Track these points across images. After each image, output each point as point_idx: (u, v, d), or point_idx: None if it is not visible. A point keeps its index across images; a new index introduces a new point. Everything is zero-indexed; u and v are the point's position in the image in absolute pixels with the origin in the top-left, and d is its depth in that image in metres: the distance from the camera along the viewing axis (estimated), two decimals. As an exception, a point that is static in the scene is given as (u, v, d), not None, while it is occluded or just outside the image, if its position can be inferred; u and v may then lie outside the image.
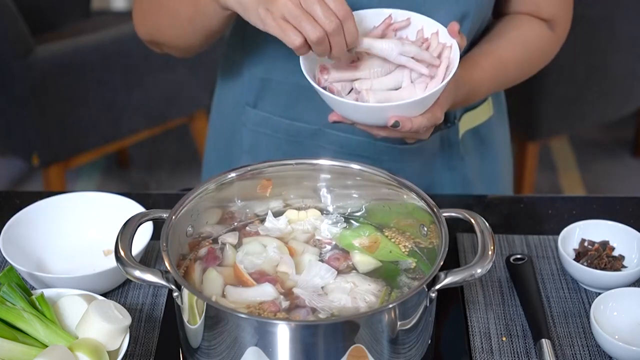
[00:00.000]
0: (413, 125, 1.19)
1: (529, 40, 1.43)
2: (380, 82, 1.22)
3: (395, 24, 1.26)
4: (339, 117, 1.23)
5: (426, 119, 1.21)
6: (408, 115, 1.18)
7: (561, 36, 1.48)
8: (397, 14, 1.26)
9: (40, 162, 2.83)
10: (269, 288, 1.12)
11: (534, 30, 1.44)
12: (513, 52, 1.41)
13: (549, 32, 1.45)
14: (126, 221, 1.13)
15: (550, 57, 1.49)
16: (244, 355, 1.03)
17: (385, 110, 1.17)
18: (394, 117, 1.18)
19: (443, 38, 1.24)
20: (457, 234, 1.39)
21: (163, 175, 3.50)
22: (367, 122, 1.22)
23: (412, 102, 1.17)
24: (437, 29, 1.25)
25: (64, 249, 1.35)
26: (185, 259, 1.18)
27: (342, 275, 1.15)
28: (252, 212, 1.26)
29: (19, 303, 1.14)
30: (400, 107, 1.17)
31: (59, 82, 2.75)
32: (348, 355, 1.02)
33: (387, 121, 1.18)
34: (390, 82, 1.22)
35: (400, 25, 1.26)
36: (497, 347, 1.20)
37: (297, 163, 1.24)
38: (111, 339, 1.12)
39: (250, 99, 1.49)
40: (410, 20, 1.26)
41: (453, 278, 1.06)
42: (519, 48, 1.42)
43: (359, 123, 1.23)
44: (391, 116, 1.18)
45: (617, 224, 1.34)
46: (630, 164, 3.60)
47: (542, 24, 1.45)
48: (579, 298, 1.28)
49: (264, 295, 1.11)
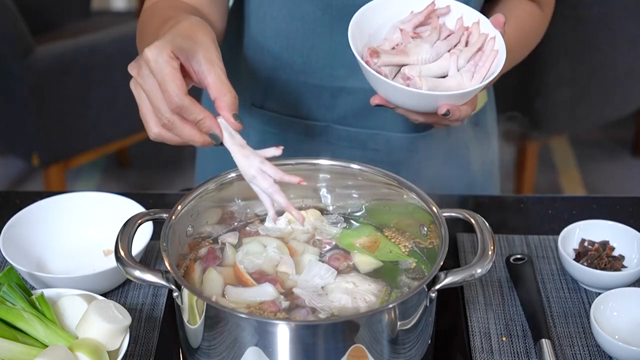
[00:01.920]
0: (461, 114, 1.20)
1: (526, 24, 1.45)
2: (428, 68, 1.22)
3: (438, 10, 1.26)
4: (382, 100, 1.21)
5: (471, 109, 1.22)
6: (456, 103, 1.19)
7: (549, 15, 1.50)
8: (438, 1, 1.26)
9: (40, 162, 2.83)
10: (269, 288, 1.12)
11: (527, 12, 1.45)
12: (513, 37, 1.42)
13: (540, 12, 1.47)
14: (126, 221, 1.13)
15: (541, 36, 1.51)
16: (244, 355, 1.03)
17: (437, 99, 1.18)
18: (445, 105, 1.17)
19: (485, 28, 1.24)
20: (457, 234, 1.39)
21: (163, 175, 3.50)
22: (414, 108, 1.22)
23: (465, 92, 1.18)
24: (479, 19, 1.25)
25: (64, 249, 1.35)
26: (185, 259, 1.18)
27: (342, 275, 1.15)
28: (253, 212, 1.26)
29: (19, 303, 1.14)
30: (453, 97, 1.18)
31: (59, 82, 2.75)
32: (348, 355, 1.02)
33: (439, 109, 1.18)
34: (437, 69, 1.22)
35: (442, 12, 1.26)
36: (497, 347, 1.20)
37: (297, 163, 1.24)
38: (111, 339, 1.12)
39: (256, 100, 1.49)
40: (450, 8, 1.27)
41: (453, 278, 1.06)
42: (517, 32, 1.43)
43: (403, 107, 1.22)
44: (443, 104, 1.17)
45: (617, 224, 1.34)
46: (630, 164, 3.60)
47: (533, 5, 1.46)
48: (579, 298, 1.28)
49: (264, 295, 1.11)
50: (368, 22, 1.26)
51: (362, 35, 1.24)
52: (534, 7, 1.46)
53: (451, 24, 1.27)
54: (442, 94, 1.17)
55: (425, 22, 1.26)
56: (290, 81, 1.44)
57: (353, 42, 1.20)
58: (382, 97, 1.21)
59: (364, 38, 1.24)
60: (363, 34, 1.24)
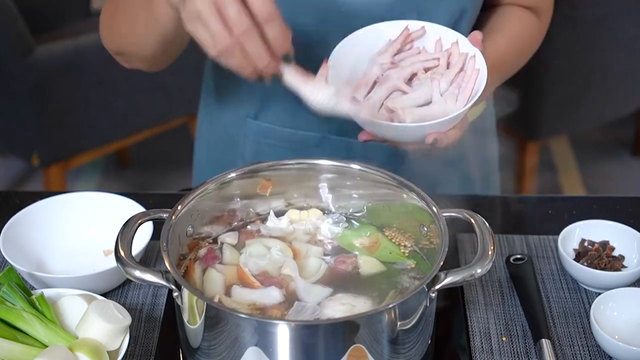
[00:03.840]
0: (449, 140, 1.19)
1: (522, 33, 1.44)
2: (410, 98, 1.21)
3: (412, 34, 1.25)
4: (369, 135, 1.21)
5: (460, 132, 1.21)
6: (444, 129, 1.18)
7: (546, 23, 1.49)
8: (411, 25, 1.25)
9: (40, 162, 2.84)
10: (275, 292, 1.12)
11: (524, 21, 1.45)
12: (510, 47, 1.42)
13: (537, 21, 1.47)
14: (126, 221, 1.13)
15: (538, 45, 1.50)
16: (244, 355, 1.03)
17: (423, 129, 1.16)
18: (432, 134, 1.16)
19: (464, 48, 1.23)
20: (457, 234, 1.39)
21: (163, 175, 3.50)
22: (402, 140, 1.21)
23: (450, 118, 1.17)
24: (457, 39, 1.24)
25: (64, 249, 1.35)
26: (185, 259, 1.18)
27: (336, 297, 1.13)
28: (254, 211, 1.26)
29: (19, 303, 1.14)
30: (438, 125, 1.16)
31: (59, 82, 2.75)
32: (348, 355, 1.02)
33: (426, 139, 1.16)
34: (420, 97, 1.21)
35: (417, 35, 1.25)
36: (497, 347, 1.20)
37: (297, 163, 1.24)
38: (111, 339, 1.12)
39: (251, 112, 1.48)
40: (425, 30, 1.25)
41: (453, 278, 1.06)
42: (514, 42, 1.43)
43: (393, 141, 1.22)
44: (430, 134, 1.16)
45: (617, 224, 1.34)
46: (630, 164, 3.60)
47: (530, 14, 1.46)
48: (579, 298, 1.28)
49: (270, 298, 1.11)
50: (345, 57, 1.25)
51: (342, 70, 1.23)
52: (530, 16, 1.46)
53: (431, 48, 1.26)
54: (426, 124, 1.16)
55: (402, 48, 1.25)
56: (286, 94, 1.44)
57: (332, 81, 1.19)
58: (369, 133, 1.21)
59: (344, 72, 1.24)
60: (343, 69, 1.24)
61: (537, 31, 1.48)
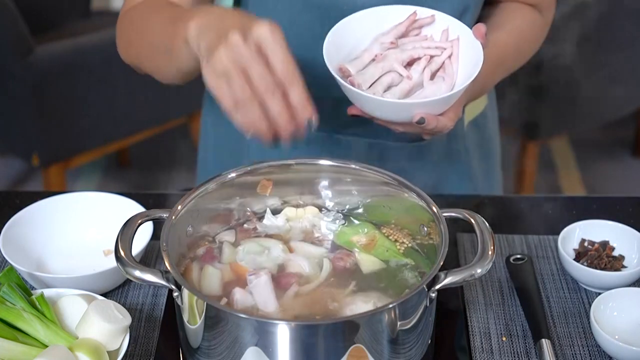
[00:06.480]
0: (438, 124, 1.18)
1: (524, 29, 1.44)
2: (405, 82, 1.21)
3: (420, 20, 1.25)
4: (358, 110, 1.21)
5: (450, 119, 1.20)
6: (432, 112, 1.17)
7: (549, 20, 1.49)
8: (421, 12, 1.25)
9: (40, 162, 2.83)
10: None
11: (526, 18, 1.45)
12: (512, 43, 1.42)
13: (540, 18, 1.47)
14: (126, 221, 1.13)
15: (541, 42, 1.50)
16: (244, 355, 1.03)
17: (411, 107, 1.17)
18: (419, 113, 1.16)
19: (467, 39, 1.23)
20: (457, 234, 1.39)
21: (163, 175, 3.50)
22: (390, 118, 1.21)
23: (439, 99, 1.17)
24: (461, 30, 1.24)
25: (64, 249, 1.35)
26: (185, 259, 1.18)
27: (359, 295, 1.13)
28: (251, 210, 1.26)
29: (19, 303, 1.14)
30: (427, 104, 1.16)
31: (59, 82, 2.75)
32: (348, 355, 1.02)
33: (414, 117, 1.16)
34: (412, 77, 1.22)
35: (424, 22, 1.25)
36: (497, 347, 1.20)
37: (297, 163, 1.24)
38: (111, 339, 1.12)
39: None
40: (435, 18, 1.25)
41: (453, 278, 1.06)
42: (516, 38, 1.42)
43: (379, 118, 1.22)
44: (417, 113, 1.17)
45: (617, 224, 1.34)
46: (630, 164, 3.60)
47: (533, 10, 1.46)
48: (579, 298, 1.28)
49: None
50: (347, 34, 1.25)
51: (342, 47, 1.23)
52: (534, 14, 1.46)
53: (438, 36, 1.26)
54: (413, 101, 1.16)
55: (407, 33, 1.25)
56: None
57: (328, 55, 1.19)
58: (358, 108, 1.21)
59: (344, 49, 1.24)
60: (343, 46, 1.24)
61: (540, 28, 1.48)
